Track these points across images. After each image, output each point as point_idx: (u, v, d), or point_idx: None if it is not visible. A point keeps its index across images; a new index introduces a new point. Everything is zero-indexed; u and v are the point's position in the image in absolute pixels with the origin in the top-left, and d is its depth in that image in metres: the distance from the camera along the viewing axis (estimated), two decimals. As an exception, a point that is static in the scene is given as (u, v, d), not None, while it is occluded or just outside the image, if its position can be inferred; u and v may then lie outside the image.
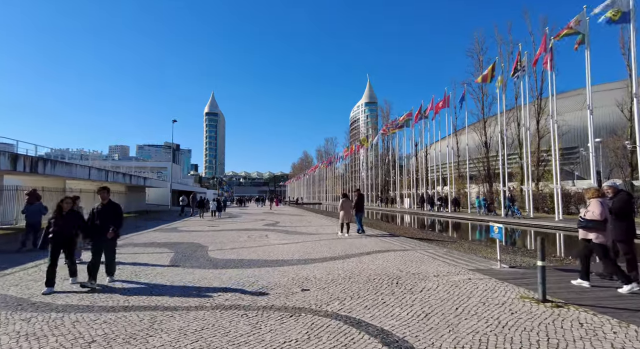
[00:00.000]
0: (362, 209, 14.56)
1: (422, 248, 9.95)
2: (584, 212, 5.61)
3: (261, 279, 6.32)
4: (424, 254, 8.76)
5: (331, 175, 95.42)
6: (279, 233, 14.61)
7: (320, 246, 10.70)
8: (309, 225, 18.87)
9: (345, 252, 9.24)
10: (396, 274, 6.61)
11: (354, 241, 11.64)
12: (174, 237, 13.65)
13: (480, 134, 36.88)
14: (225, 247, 10.69)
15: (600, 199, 5.57)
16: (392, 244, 10.84)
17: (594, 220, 5.43)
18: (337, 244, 10.91)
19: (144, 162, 73.89)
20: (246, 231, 15.64)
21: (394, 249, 9.76)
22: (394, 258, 8.27)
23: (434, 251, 9.32)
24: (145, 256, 9.11)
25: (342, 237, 13.02)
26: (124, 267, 7.51)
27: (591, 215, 5.46)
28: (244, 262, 8.12)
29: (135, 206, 41.14)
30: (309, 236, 13.34)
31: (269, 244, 11.33)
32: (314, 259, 8.28)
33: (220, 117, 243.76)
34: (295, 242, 11.68)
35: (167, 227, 18.64)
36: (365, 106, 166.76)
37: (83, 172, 24.11)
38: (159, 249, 10.44)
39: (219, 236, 13.89)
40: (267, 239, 12.71)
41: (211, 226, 18.82)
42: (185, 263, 8.15)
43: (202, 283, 6.19)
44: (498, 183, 36.09)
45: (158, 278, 6.62)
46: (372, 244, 10.97)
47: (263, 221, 21.87)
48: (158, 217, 27.54)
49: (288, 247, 10.38)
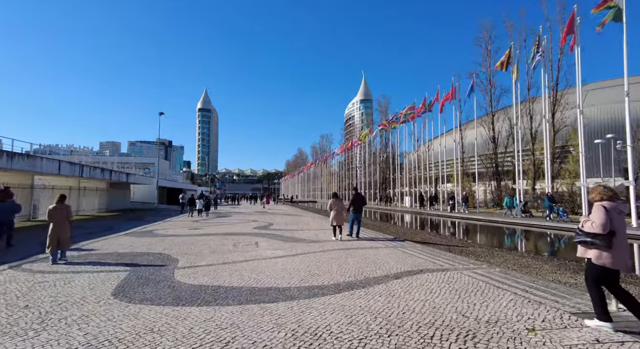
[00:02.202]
0: (359, 209, 12.74)
1: (465, 266, 7.46)
2: (582, 221, 4.13)
3: (241, 337, 3.78)
4: (477, 279, 6.27)
5: (326, 172, 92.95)
6: (273, 240, 12.05)
7: (326, 260, 8.16)
8: (307, 228, 16.32)
9: (363, 274, 6.72)
10: (462, 324, 4.10)
11: (366, 253, 9.13)
12: (142, 244, 11.03)
13: (488, 128, 34.55)
14: (201, 262, 8.11)
15: (606, 203, 3.99)
16: (418, 258, 8.35)
17: (594, 233, 3.91)
18: (347, 258, 8.38)
19: (128, 158, 70.44)
20: (233, 237, 13.06)
21: (427, 268, 7.26)
22: (438, 286, 5.77)
23: (485, 272, 6.83)
24: (85, 278, 6.51)
25: (337, 241, 11.49)
26: (36, 298, 4.92)
27: (590, 226, 3.95)
28: (220, 292, 5.56)
29: (118, 204, 38.27)
30: (309, 245, 10.80)
31: (259, 256, 8.77)
32: (322, 288, 5.74)
33: (214, 113, 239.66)
34: (293, 254, 9.13)
35: (142, 230, 15.99)
36: (360, 103, 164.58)
37: (51, 167, 21.29)
38: (113, 264, 7.83)
39: (198, 243, 11.30)
40: (257, 248, 10.15)
41: (194, 229, 16.22)
42: (135, 292, 5.58)
43: (143, 341, 3.64)
44: (507, 181, 33.93)
45: (74, 328, 4.05)
46: (392, 257, 8.47)
47: (255, 223, 19.28)
48: (139, 217, 24.82)
49: (284, 263, 7.83)
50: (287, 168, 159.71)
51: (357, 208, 12.88)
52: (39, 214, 25.18)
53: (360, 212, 13.12)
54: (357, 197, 13.16)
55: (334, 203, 12.33)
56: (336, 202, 12.35)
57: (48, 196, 25.82)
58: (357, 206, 12.90)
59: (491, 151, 35.08)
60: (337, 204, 12.26)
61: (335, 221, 12.03)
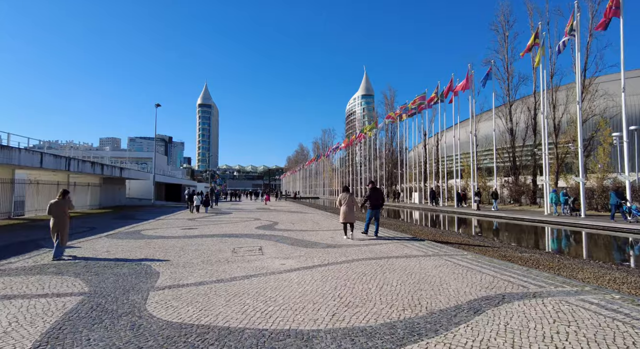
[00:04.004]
0: (377, 205, 11.34)
1: (558, 287, 5.35)
2: None
3: None
4: (603, 315, 4.17)
5: (329, 168, 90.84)
6: (280, 244, 9.95)
7: (357, 277, 6.07)
8: (318, 228, 14.23)
9: (421, 303, 4.62)
10: None
11: (407, 265, 7.03)
12: (122, 249, 8.95)
13: (506, 119, 32.28)
14: (188, 278, 6.02)
15: None
16: (481, 273, 6.24)
17: None
18: (385, 274, 6.29)
19: (123, 152, 68.19)
20: (232, 239, 10.98)
21: (508, 291, 5.15)
22: (556, 330, 3.66)
23: (600, 300, 4.72)
24: (13, 310, 4.42)
25: (359, 244, 9.80)
26: None
27: None
28: (209, 340, 3.47)
29: (113, 200, 36.22)
30: (326, 252, 8.70)
31: (266, 269, 6.68)
32: (370, 333, 3.63)
33: (214, 109, 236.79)
34: (310, 266, 7.03)
35: (129, 230, 13.92)
36: (362, 99, 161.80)
37: (31, 159, 19.18)
38: (69, 283, 5.75)
39: (190, 248, 9.22)
40: (262, 256, 8.05)
41: (188, 229, 14.16)
42: (75, 339, 3.49)
43: None
44: (526, 175, 31.78)
45: None
46: (446, 272, 6.37)
47: (257, 222, 17.18)
48: (131, 215, 22.76)
49: (301, 282, 5.74)
50: (288, 164, 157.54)
51: (375, 204, 11.32)
52: (26, 211, 23.25)
53: (379, 208, 11.52)
54: (375, 192, 11.52)
55: (344, 198, 10.94)
56: (347, 196, 10.91)
57: (32, 191, 23.82)
58: (375, 202, 11.32)
59: (508, 144, 32.85)
60: (347, 198, 10.85)
61: (345, 218, 10.79)
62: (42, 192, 24.52)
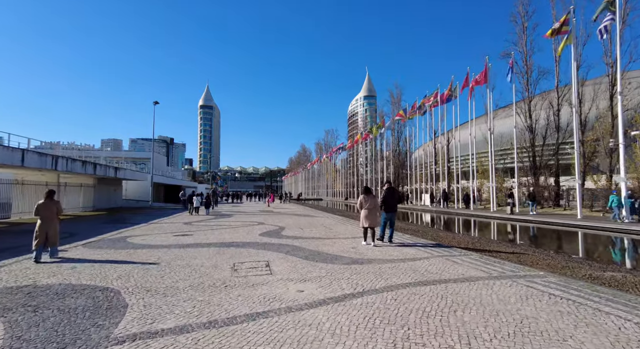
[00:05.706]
0: (393, 208, 10.23)
1: None
2: None
3: None
4: None
5: (332, 169, 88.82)
6: (293, 258, 7.96)
7: (421, 322, 4.08)
8: (332, 235, 12.24)
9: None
10: None
11: (481, 296, 5.05)
12: (91, 265, 6.98)
13: (525, 116, 30.22)
14: (166, 319, 4.04)
15: None
16: (585, 307, 4.26)
17: None
18: (457, 312, 4.30)
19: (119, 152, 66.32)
20: (232, 250, 9.00)
21: None
22: None
23: None
24: None
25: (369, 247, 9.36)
26: None
27: None
28: None
29: (108, 202, 34.28)
30: (355, 270, 6.71)
31: (278, 302, 4.69)
32: None
33: (216, 110, 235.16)
34: (340, 297, 5.04)
35: (114, 236, 11.98)
36: (364, 100, 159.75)
37: (10, 157, 17.27)
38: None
39: (178, 263, 7.24)
40: (272, 278, 6.05)
41: (182, 235, 12.22)
42: None
43: None
44: (547, 176, 29.72)
45: None
46: (545, 309, 4.38)
47: (261, 227, 15.20)
48: (123, 218, 20.84)
49: (334, 331, 3.74)
50: (290, 165, 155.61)
51: (391, 206, 10.17)
52: (11, 213, 21.43)
53: (395, 211, 10.24)
54: (391, 192, 10.27)
55: (364, 200, 9.84)
56: (368, 199, 9.85)
57: (17, 192, 21.98)
58: (391, 204, 10.08)
59: (527, 142, 30.79)
60: (369, 201, 9.80)
61: (368, 222, 9.69)
62: (30, 192, 22.69)
